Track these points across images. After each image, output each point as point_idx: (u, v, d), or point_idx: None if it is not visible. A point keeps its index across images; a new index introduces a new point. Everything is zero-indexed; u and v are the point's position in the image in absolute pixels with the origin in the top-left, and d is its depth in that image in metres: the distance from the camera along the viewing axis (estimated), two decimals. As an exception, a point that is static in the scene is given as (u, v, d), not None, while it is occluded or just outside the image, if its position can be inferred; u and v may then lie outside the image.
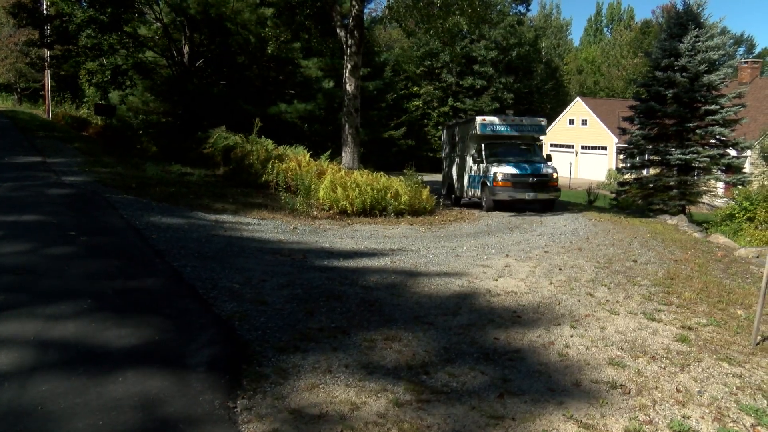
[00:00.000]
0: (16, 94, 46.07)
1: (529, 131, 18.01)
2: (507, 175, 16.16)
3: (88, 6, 21.10)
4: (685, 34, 21.95)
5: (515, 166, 16.35)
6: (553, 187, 16.54)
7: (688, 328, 5.64)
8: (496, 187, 16.26)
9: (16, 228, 7.13)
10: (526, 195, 15.94)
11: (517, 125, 17.82)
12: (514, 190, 16.03)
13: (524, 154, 17.48)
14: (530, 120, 18.47)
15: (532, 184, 16.09)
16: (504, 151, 17.40)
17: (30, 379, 3.50)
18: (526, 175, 16.19)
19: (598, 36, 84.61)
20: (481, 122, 17.75)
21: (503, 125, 17.79)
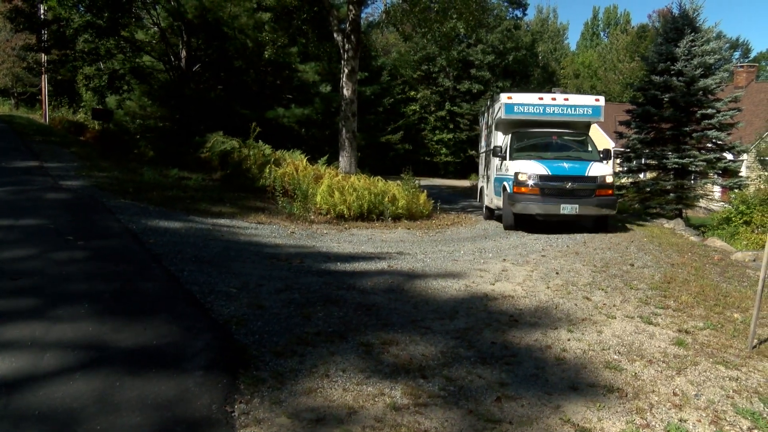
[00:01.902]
0: (13, 99, 46.00)
1: (576, 115, 13.57)
2: (533, 176, 11.65)
3: (86, 11, 21.12)
4: (681, 38, 22.05)
5: (548, 163, 11.94)
6: (606, 198, 11.78)
7: (684, 331, 5.65)
8: (517, 194, 11.81)
9: (13, 232, 7.13)
10: (561, 208, 11.43)
11: (559, 106, 13.53)
12: (544, 200, 11.54)
13: (568, 148, 13.20)
14: (578, 99, 14.08)
15: (571, 191, 11.55)
16: (539, 142, 13.31)
17: (26, 383, 3.50)
18: (563, 177, 11.63)
19: (595, 40, 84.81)
20: (506, 102, 13.49)
21: (538, 106, 13.49)
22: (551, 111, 13.59)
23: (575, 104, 13.68)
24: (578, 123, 13.87)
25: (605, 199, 11.87)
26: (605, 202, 11.86)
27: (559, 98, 13.75)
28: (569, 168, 11.92)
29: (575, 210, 11.55)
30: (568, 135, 13.58)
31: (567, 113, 13.56)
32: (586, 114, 13.61)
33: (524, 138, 13.31)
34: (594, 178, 11.80)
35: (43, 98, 35.08)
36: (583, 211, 11.68)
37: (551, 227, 12.21)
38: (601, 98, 13.77)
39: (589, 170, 11.87)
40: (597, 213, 11.94)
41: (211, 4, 19.33)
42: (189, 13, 19.69)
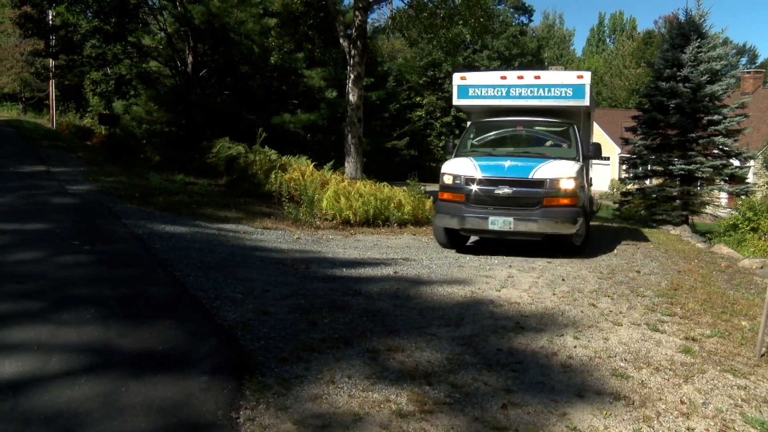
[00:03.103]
0: (21, 104, 46.22)
1: (552, 97, 10.31)
2: (460, 178, 9.28)
3: (93, 16, 21.29)
4: (687, 44, 22.03)
5: (484, 161, 9.49)
6: (558, 210, 8.91)
7: (691, 339, 5.62)
8: (441, 202, 9.66)
9: (19, 236, 7.15)
10: (489, 222, 8.89)
11: (528, 86, 10.39)
12: (468, 211, 9.09)
13: (537, 142, 10.56)
14: (553, 76, 10.61)
15: (505, 199, 8.96)
16: (504, 135, 10.72)
17: (33, 386, 3.50)
18: (495, 180, 9.05)
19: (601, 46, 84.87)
20: (459, 83, 10.88)
21: (500, 88, 10.56)
22: (517, 93, 10.46)
23: (549, 83, 10.27)
24: (558, 108, 10.51)
25: (556, 211, 8.87)
26: (556, 215, 8.85)
27: (527, 76, 10.44)
28: (508, 168, 9.17)
29: (509, 225, 8.82)
30: (543, 124, 10.54)
31: (539, 95, 10.34)
32: (565, 96, 10.21)
33: (485, 130, 10.79)
34: (540, 182, 8.91)
35: (50, 103, 35.26)
36: (520, 226, 8.86)
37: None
38: (586, 75, 10.35)
39: (535, 171, 8.96)
40: (542, 230, 8.95)
41: (217, 9, 19.42)
42: (196, 18, 19.78)
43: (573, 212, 9.02)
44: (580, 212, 9.18)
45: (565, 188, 8.98)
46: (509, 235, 9.14)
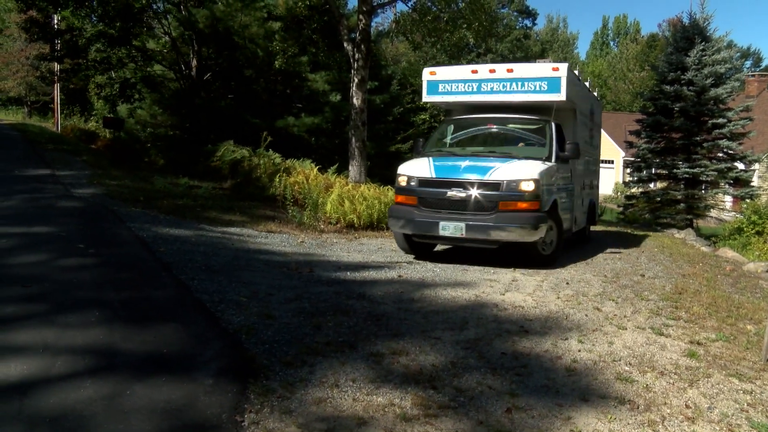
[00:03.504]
0: (26, 107, 46.45)
1: (526, 91, 9.56)
2: (413, 179, 8.76)
3: (98, 20, 21.36)
4: (691, 47, 22.04)
5: (441, 161, 8.91)
6: (516, 216, 8.14)
7: (696, 343, 5.60)
8: (395, 206, 9.15)
9: (25, 240, 7.17)
10: (440, 227, 8.28)
11: (500, 81, 9.71)
12: (420, 215, 8.51)
13: (508, 141, 9.81)
14: (527, 69, 9.76)
15: (457, 203, 8.33)
16: (476, 133, 10.10)
17: (39, 388, 3.51)
18: (448, 182, 8.47)
19: (605, 50, 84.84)
20: (428, 79, 10.32)
21: (471, 83, 9.91)
22: (489, 88, 9.78)
23: (523, 77, 9.57)
24: (535, 104, 9.72)
25: (513, 216, 8.11)
26: (512, 221, 8.07)
27: (500, 70, 9.72)
28: (464, 169, 8.50)
29: (460, 231, 8.16)
30: (517, 122, 9.85)
31: (512, 90, 9.62)
32: (540, 90, 9.44)
33: (457, 128, 10.23)
34: (497, 184, 8.19)
35: (55, 107, 35.42)
36: (473, 233, 8.15)
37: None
38: (562, 67, 9.49)
39: (492, 173, 8.24)
40: (497, 237, 8.18)
41: (222, 13, 19.47)
42: (200, 22, 19.83)
43: (533, 218, 8.19)
44: (543, 218, 8.35)
45: (524, 191, 8.19)
46: (462, 242, 8.52)
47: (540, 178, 8.32)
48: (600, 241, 13.23)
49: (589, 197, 12.41)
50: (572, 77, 10.05)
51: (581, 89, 11.02)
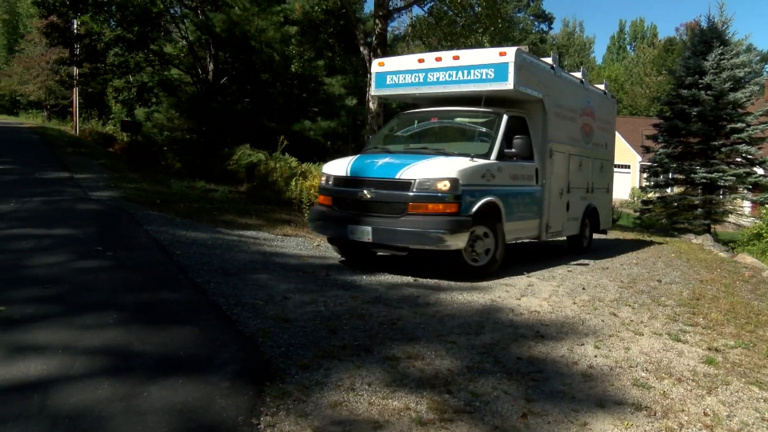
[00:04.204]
0: (46, 111, 47.05)
1: (473, 81, 8.60)
2: (331, 178, 8.25)
3: (117, 25, 21.62)
4: (709, 51, 21.88)
5: (361, 160, 8.25)
6: (428, 219, 7.27)
7: (715, 350, 5.55)
8: (314, 207, 9.00)
9: (45, 241, 7.26)
10: (348, 230, 7.68)
11: (446, 70, 8.81)
12: (334, 217, 8.01)
13: (450, 137, 9.12)
14: (473, 56, 8.68)
15: (366, 204, 7.66)
16: (421, 129, 9.39)
17: (59, 387, 3.55)
18: (359, 180, 7.81)
19: (621, 54, 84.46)
20: (377, 71, 9.73)
21: (417, 73, 9.12)
22: (435, 78, 8.94)
23: (469, 65, 8.59)
24: (482, 95, 8.71)
25: (424, 220, 7.27)
26: (423, 226, 7.23)
27: (446, 57, 8.85)
28: (379, 167, 7.77)
29: (367, 235, 7.48)
30: (465, 115, 8.99)
31: (457, 80, 8.72)
32: (486, 78, 8.44)
33: (405, 123, 9.57)
34: (407, 183, 7.35)
35: (74, 110, 35.83)
36: (379, 237, 7.42)
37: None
38: (510, 51, 8.36)
39: (404, 171, 7.43)
40: (404, 243, 7.41)
41: (238, 18, 19.63)
42: (217, 27, 20.00)
43: (447, 223, 7.25)
44: (464, 223, 7.41)
45: (437, 191, 7.26)
46: (373, 247, 7.93)
47: (460, 177, 7.35)
48: (616, 246, 13.15)
49: (586, 201, 11.22)
50: (530, 63, 8.91)
51: (554, 78, 9.71)
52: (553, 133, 9.52)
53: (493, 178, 7.96)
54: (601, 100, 11.93)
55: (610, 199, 12.88)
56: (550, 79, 9.56)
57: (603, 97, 12.15)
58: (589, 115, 11.20)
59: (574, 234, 10.92)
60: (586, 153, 11.11)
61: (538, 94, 9.11)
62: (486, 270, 7.98)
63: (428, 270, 8.26)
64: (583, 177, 11.05)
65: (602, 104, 12.02)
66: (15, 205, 9.36)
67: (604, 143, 12.13)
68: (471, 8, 16.49)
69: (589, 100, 11.22)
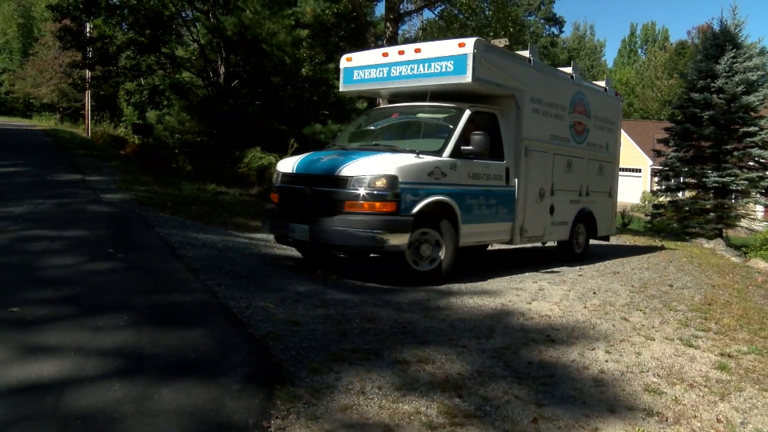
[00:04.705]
0: (58, 114, 47.39)
1: (433, 74, 8.25)
2: (279, 175, 8.15)
3: (129, 28, 21.74)
4: (722, 54, 21.76)
5: (310, 156, 8.10)
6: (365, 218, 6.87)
7: (727, 355, 5.51)
8: (266, 205, 8.80)
9: (57, 243, 7.30)
10: (289, 227, 7.53)
11: (408, 63, 8.49)
12: (278, 215, 7.90)
13: (408, 133, 8.69)
14: (434, 48, 8.34)
15: (306, 201, 7.45)
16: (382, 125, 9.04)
17: (71, 388, 3.56)
18: (302, 177, 7.68)
19: (632, 57, 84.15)
20: (345, 66, 9.54)
21: (382, 68, 8.83)
22: (398, 73, 8.63)
23: (430, 57, 8.27)
24: (443, 89, 8.43)
25: (359, 219, 6.89)
26: (357, 225, 6.86)
27: (408, 50, 8.53)
28: (322, 163, 7.56)
29: (305, 235, 7.25)
30: (427, 110, 8.63)
31: (419, 73, 8.39)
32: (446, 72, 8.08)
33: (371, 120, 9.35)
34: (344, 180, 7.05)
35: (86, 113, 36.04)
36: (317, 237, 7.16)
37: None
38: (469, 42, 7.93)
39: (344, 167, 7.14)
40: (341, 242, 7.08)
41: (250, 21, 19.69)
42: (228, 30, 20.07)
43: (383, 222, 6.85)
44: (403, 223, 7.00)
45: (374, 188, 6.89)
46: (311, 246, 7.74)
47: (399, 174, 6.97)
48: (626, 250, 13.09)
49: (579, 205, 10.58)
50: (496, 55, 8.40)
51: (531, 72, 9.14)
52: (529, 130, 9.04)
53: (444, 176, 7.51)
54: (599, 98, 11.27)
55: (612, 204, 12.06)
56: (526, 73, 9.02)
57: (602, 95, 11.47)
58: (582, 113, 10.59)
59: (563, 239, 10.41)
60: (578, 153, 10.47)
61: (508, 88, 8.64)
62: (433, 275, 7.53)
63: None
64: (574, 179, 10.40)
65: (601, 102, 11.31)
66: (28, 207, 9.42)
67: (603, 144, 11.40)
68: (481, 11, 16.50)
69: (583, 96, 10.56)
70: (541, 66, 9.51)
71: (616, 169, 12.02)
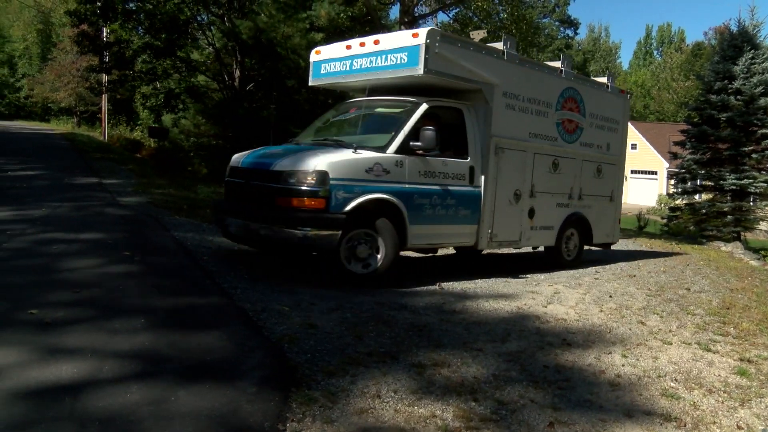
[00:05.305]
0: (76, 117, 47.87)
1: (390, 67, 7.84)
2: (228, 168, 8.07)
3: (145, 32, 21.91)
4: (739, 56, 21.57)
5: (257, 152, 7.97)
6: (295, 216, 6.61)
7: (747, 360, 5.45)
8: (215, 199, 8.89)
9: (75, 246, 7.36)
10: (227, 225, 7.50)
11: (368, 56, 8.15)
12: (224, 209, 7.77)
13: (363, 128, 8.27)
14: (390, 39, 7.93)
15: (245, 196, 7.48)
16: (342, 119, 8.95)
17: (88, 391, 3.59)
18: (242, 171, 7.63)
19: (648, 59, 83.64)
20: (314, 59, 9.22)
21: (345, 60, 8.54)
22: (359, 66, 8.30)
23: (387, 49, 7.88)
24: (398, 82, 8.11)
25: (288, 217, 6.66)
26: (285, 222, 6.66)
27: (369, 42, 8.17)
28: (263, 158, 7.46)
29: (242, 229, 7.20)
30: (386, 104, 8.33)
31: (376, 66, 8.03)
32: (400, 63, 7.68)
33: (333, 115, 9.16)
34: (276, 175, 6.87)
35: (102, 117, 36.40)
36: (249, 232, 7.09)
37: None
38: (422, 32, 7.51)
39: (279, 162, 7.00)
40: (273, 240, 6.86)
41: (265, 25, 19.78)
42: (243, 34, 20.17)
43: (310, 220, 6.60)
44: (333, 221, 6.70)
45: (302, 184, 6.63)
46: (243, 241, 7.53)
47: (329, 169, 6.66)
48: (643, 253, 13.00)
49: (568, 209, 9.87)
50: (457, 47, 7.87)
51: (505, 66, 8.58)
52: (501, 127, 8.47)
53: (387, 173, 7.10)
54: (598, 95, 10.47)
55: (615, 210, 11.04)
56: (498, 66, 8.44)
57: (601, 91, 10.62)
58: (574, 110, 9.87)
59: (548, 245, 9.77)
60: (568, 153, 9.75)
61: (474, 82, 8.10)
62: (371, 277, 7.18)
63: (454, 278, 8.24)
64: (562, 180, 9.69)
65: (601, 99, 10.51)
66: (46, 210, 9.52)
67: (603, 144, 10.55)
68: (496, 14, 16.48)
69: (575, 92, 9.86)
70: (517, 59, 8.85)
71: (619, 172, 11.16)
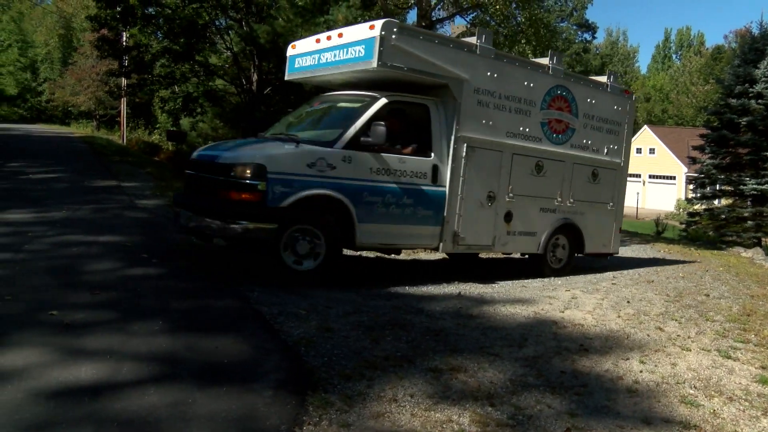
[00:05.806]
0: (95, 121, 48.39)
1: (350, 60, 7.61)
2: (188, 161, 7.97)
3: (164, 37, 22.08)
4: (761, 59, 21.36)
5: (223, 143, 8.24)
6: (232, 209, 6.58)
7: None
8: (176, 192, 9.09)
9: (94, 248, 7.44)
10: (181, 214, 7.31)
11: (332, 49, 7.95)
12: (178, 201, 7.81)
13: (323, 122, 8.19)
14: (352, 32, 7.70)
15: (195, 188, 7.48)
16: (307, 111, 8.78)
17: (107, 393, 3.62)
18: (196, 164, 7.55)
19: (667, 63, 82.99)
20: (290, 53, 9.13)
21: (314, 54, 8.38)
22: (325, 60, 8.14)
23: (347, 42, 7.68)
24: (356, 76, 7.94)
25: (226, 210, 6.62)
26: (221, 216, 6.60)
27: (334, 36, 7.99)
28: (214, 150, 7.47)
29: (190, 221, 7.01)
30: (347, 99, 8.13)
31: (339, 59, 7.82)
32: (358, 57, 7.46)
33: (302, 109, 8.99)
34: (220, 167, 6.84)
35: (121, 120, 36.74)
36: (195, 224, 6.92)
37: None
38: (378, 24, 7.26)
39: (222, 155, 7.00)
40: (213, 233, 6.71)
41: (282, 29, 19.83)
42: (261, 38, 20.24)
43: (246, 213, 6.52)
44: (268, 215, 6.58)
45: (240, 177, 6.56)
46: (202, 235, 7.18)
47: (267, 163, 6.56)
48: (660, 259, 12.88)
49: (556, 215, 9.32)
50: (418, 40, 7.55)
51: (478, 60, 8.15)
52: (472, 125, 8.07)
53: (333, 169, 6.89)
54: (594, 94, 9.77)
55: (614, 217, 10.32)
56: (469, 60, 8.02)
57: (599, 91, 9.91)
58: (563, 110, 9.27)
59: (531, 252, 9.25)
60: (555, 155, 9.18)
61: (440, 77, 7.75)
62: (312, 276, 6.95)
63: (472, 282, 8.22)
64: (547, 184, 9.14)
65: (598, 99, 9.81)
66: (66, 213, 9.62)
67: (600, 147, 9.90)
68: (513, 18, 16.44)
69: (565, 91, 9.24)
70: (493, 53, 8.34)
71: (621, 178, 10.40)
